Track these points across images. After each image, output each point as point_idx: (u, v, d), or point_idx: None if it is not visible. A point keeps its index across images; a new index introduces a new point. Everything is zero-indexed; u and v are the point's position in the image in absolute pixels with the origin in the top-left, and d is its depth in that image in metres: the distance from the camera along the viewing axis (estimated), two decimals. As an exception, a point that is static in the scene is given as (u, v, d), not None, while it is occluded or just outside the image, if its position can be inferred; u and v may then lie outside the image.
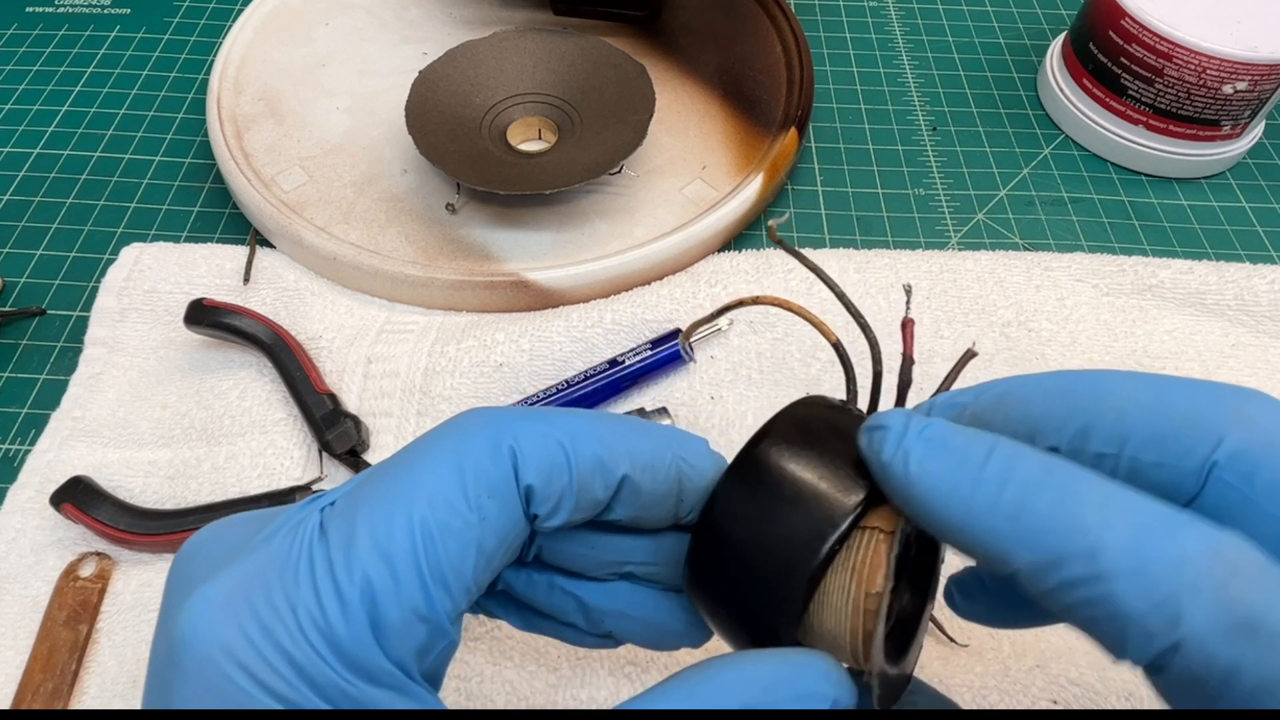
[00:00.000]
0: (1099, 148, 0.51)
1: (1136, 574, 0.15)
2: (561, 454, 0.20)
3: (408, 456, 0.20)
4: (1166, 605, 0.15)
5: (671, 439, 0.22)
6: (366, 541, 0.18)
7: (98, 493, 0.34)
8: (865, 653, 0.20)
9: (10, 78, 0.53)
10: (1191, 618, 0.15)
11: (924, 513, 0.18)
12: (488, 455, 0.19)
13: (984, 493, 0.17)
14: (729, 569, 0.20)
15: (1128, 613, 0.15)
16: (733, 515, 0.21)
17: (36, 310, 0.43)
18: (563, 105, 0.47)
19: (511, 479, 0.19)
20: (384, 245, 0.43)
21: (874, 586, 0.19)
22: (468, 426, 0.20)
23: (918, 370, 0.40)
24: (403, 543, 0.18)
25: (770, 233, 0.25)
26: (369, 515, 0.18)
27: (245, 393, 0.39)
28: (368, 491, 0.19)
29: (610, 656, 0.32)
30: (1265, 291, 0.42)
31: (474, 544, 0.19)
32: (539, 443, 0.20)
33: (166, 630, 0.18)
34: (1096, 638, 0.16)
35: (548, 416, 0.21)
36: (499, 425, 0.20)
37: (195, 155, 0.49)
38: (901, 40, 0.58)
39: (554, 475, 0.20)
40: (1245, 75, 0.44)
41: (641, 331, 0.40)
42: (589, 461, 0.20)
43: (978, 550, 0.17)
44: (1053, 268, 0.43)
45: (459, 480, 0.19)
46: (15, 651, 0.32)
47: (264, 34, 0.52)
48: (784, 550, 0.20)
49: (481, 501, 0.19)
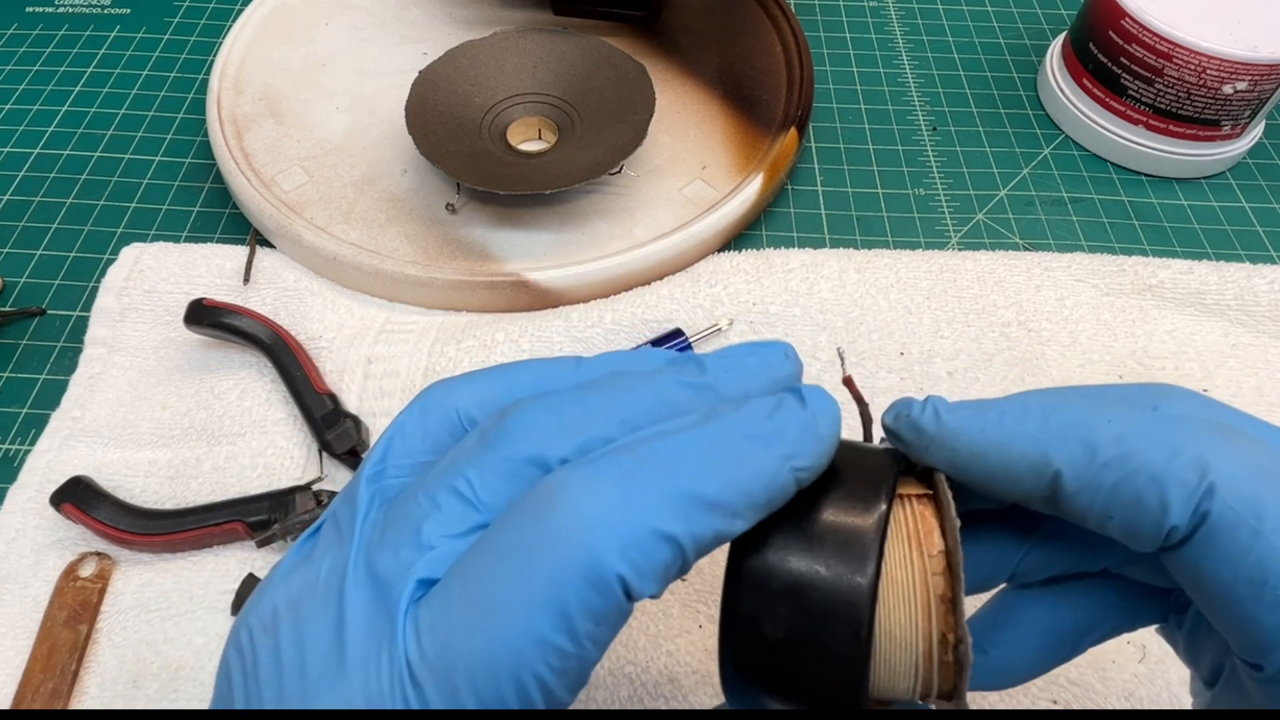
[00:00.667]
0: (1099, 148, 0.51)
1: (1161, 441, 0.18)
2: (678, 553, 0.17)
3: (495, 584, 0.17)
4: (1192, 458, 0.17)
5: (783, 446, 0.18)
6: (473, 705, 0.16)
7: (98, 493, 0.34)
8: (950, 621, 0.19)
9: (10, 78, 0.53)
10: (1216, 462, 0.17)
11: (962, 449, 0.20)
12: (593, 589, 0.16)
13: (1011, 415, 0.19)
14: (787, 619, 0.19)
15: (1162, 473, 0.17)
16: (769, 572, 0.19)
17: (36, 310, 0.43)
18: (563, 105, 0.47)
19: (621, 600, 0.17)
20: (384, 245, 0.43)
21: (933, 548, 0.19)
22: (552, 543, 0.17)
23: (917, 370, 0.40)
24: (516, 705, 0.16)
25: (849, 385, 0.24)
26: (471, 682, 0.16)
27: (245, 393, 0.39)
28: (457, 644, 0.17)
29: (610, 656, 0.32)
30: (1265, 291, 0.42)
31: (589, 668, 0.17)
32: (649, 548, 0.17)
33: None
34: (1133, 521, 0.18)
35: (645, 488, 0.17)
36: (596, 538, 0.16)
37: (195, 155, 0.49)
38: (901, 40, 0.58)
39: (668, 574, 0.17)
40: (1245, 75, 0.44)
41: (641, 331, 0.40)
42: (706, 544, 0.17)
43: (1018, 465, 0.19)
44: (1053, 268, 0.43)
45: (564, 625, 0.16)
46: (15, 651, 0.32)
47: (264, 34, 0.52)
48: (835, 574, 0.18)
49: (591, 632, 0.17)
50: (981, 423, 0.20)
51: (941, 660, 0.19)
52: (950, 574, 0.19)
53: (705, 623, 0.33)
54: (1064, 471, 0.18)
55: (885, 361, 0.41)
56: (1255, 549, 0.17)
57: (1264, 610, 0.17)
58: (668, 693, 0.32)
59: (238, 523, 0.34)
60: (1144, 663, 0.32)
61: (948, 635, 0.19)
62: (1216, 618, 0.18)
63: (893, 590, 0.19)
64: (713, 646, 0.22)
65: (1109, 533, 0.19)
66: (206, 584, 0.34)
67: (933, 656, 0.19)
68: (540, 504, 0.17)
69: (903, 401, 0.21)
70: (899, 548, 0.20)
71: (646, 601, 0.33)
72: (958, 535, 0.19)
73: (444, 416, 0.20)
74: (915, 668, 0.19)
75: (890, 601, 0.19)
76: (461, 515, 0.18)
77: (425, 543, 0.18)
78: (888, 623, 0.19)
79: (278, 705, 0.17)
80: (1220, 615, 0.18)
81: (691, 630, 0.33)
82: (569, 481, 0.17)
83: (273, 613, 0.19)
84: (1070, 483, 0.18)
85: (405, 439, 0.20)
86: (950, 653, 0.19)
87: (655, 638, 0.33)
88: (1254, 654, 0.18)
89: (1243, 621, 0.17)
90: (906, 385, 0.40)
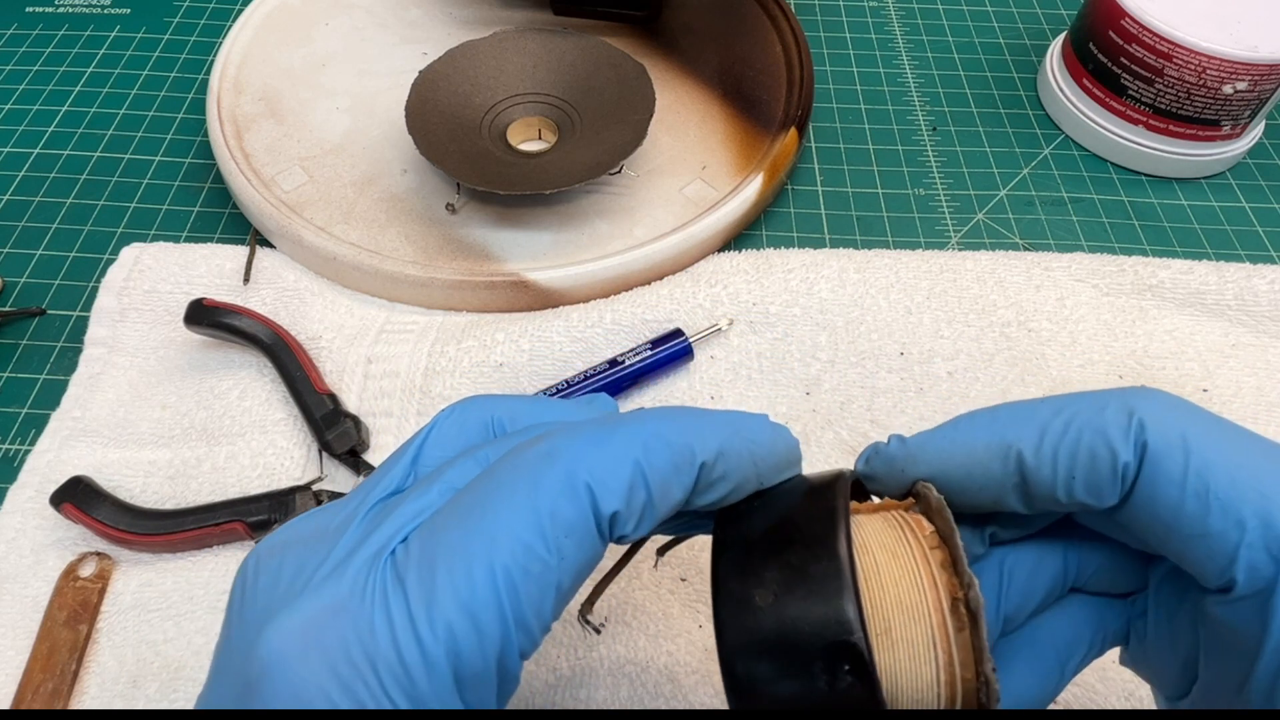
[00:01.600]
0: (1099, 148, 0.51)
1: (1091, 401, 0.21)
2: (639, 475, 0.20)
3: (479, 497, 0.19)
4: (1119, 405, 0.20)
5: (735, 425, 0.22)
6: (448, 594, 0.18)
7: (98, 493, 0.34)
8: (954, 583, 0.20)
9: (10, 78, 0.53)
10: (1139, 405, 0.20)
11: (932, 457, 0.22)
12: (564, 495, 0.19)
13: (964, 421, 0.22)
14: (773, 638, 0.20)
15: (1100, 422, 0.20)
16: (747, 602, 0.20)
17: (36, 310, 0.43)
18: (563, 105, 0.47)
19: (589, 515, 0.19)
20: (384, 245, 0.43)
21: (925, 529, 0.21)
22: (536, 463, 0.19)
23: (917, 370, 0.40)
24: (485, 595, 0.18)
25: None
26: (448, 565, 0.18)
27: (245, 393, 0.39)
28: (443, 538, 0.19)
29: (610, 656, 0.32)
30: (1265, 291, 0.42)
31: (553, 585, 0.19)
32: (614, 468, 0.19)
33: (242, 662, 0.18)
34: (1093, 472, 0.20)
35: (616, 431, 0.20)
36: (572, 458, 0.19)
37: (195, 155, 0.50)
38: (901, 40, 0.58)
39: (632, 498, 0.20)
40: (1245, 75, 0.44)
41: (641, 331, 0.40)
42: (664, 472, 0.20)
43: (982, 454, 0.21)
44: (1053, 268, 0.43)
45: (536, 523, 0.19)
46: (15, 651, 0.32)
47: (264, 34, 0.52)
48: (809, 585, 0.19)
49: (560, 542, 0.19)
50: (941, 433, 0.22)
51: (956, 624, 0.19)
52: (945, 542, 0.21)
53: (705, 623, 0.33)
54: (1023, 450, 0.21)
55: (885, 361, 0.41)
56: (1191, 465, 0.19)
57: (1214, 517, 0.19)
58: (668, 693, 0.32)
59: (238, 523, 0.34)
60: (1144, 663, 0.32)
61: (956, 596, 0.20)
62: (1179, 548, 0.20)
63: (894, 564, 0.20)
64: (712, 647, 0.22)
65: (1077, 497, 0.21)
66: (206, 584, 0.34)
67: (947, 625, 0.20)
68: (528, 443, 0.20)
69: (868, 447, 0.24)
70: (891, 531, 0.21)
71: (647, 601, 0.33)
72: (947, 512, 0.21)
73: (481, 417, 0.23)
74: (932, 641, 0.20)
75: (893, 575, 0.20)
76: (473, 473, 0.21)
77: (434, 501, 0.20)
78: (894, 590, 0.20)
79: (266, 609, 0.19)
80: (1180, 542, 0.20)
81: (691, 630, 0.33)
82: (556, 431, 0.20)
83: (282, 543, 0.21)
84: (1031, 458, 0.21)
85: (442, 433, 0.23)
86: (963, 608, 0.20)
87: (655, 638, 0.33)
88: (1220, 573, 0.19)
89: (1201, 539, 0.19)
90: (906, 385, 0.40)
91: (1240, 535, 0.19)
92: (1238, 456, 0.19)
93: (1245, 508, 0.19)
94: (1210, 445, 0.20)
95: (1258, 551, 0.19)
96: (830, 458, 0.38)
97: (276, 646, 0.18)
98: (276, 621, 0.18)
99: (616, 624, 0.33)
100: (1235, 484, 0.19)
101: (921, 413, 0.39)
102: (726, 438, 0.21)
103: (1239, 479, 0.19)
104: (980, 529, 0.23)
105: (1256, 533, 0.19)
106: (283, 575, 0.19)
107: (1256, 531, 0.19)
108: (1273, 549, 0.19)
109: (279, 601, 0.19)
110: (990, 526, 0.23)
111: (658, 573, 0.34)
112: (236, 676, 0.18)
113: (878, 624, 0.20)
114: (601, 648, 0.33)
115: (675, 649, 0.33)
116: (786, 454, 0.23)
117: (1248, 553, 0.19)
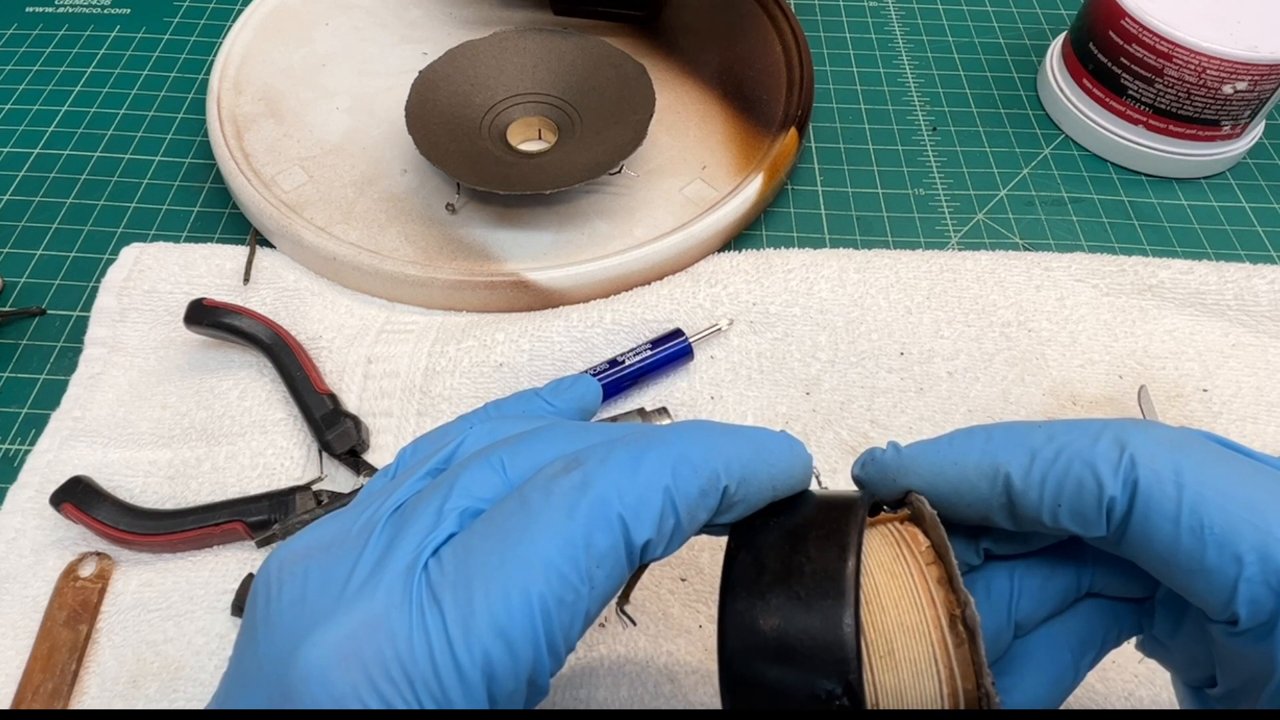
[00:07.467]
0: (1099, 148, 0.51)
1: (1084, 431, 0.21)
2: (669, 503, 0.20)
3: (515, 523, 0.20)
4: (1111, 438, 0.20)
5: (757, 446, 0.22)
6: (485, 619, 0.18)
7: (98, 493, 0.34)
8: (951, 600, 0.20)
9: (10, 78, 0.53)
10: (1131, 438, 0.20)
11: (924, 469, 0.22)
12: (599, 526, 0.19)
13: (960, 438, 0.23)
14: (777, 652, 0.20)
15: (1090, 454, 0.20)
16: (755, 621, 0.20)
17: (36, 310, 0.43)
18: (563, 105, 0.47)
19: (621, 545, 0.20)
20: (384, 245, 0.43)
21: (921, 544, 0.21)
22: (571, 492, 0.20)
23: (917, 370, 0.40)
24: (521, 622, 0.18)
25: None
26: (485, 590, 0.19)
27: (245, 393, 0.39)
28: (479, 561, 0.19)
29: (610, 656, 0.32)
30: (1265, 291, 0.42)
31: (583, 613, 0.19)
32: (646, 497, 0.20)
33: (278, 673, 0.19)
34: (1078, 503, 0.20)
35: (645, 456, 0.20)
36: (604, 486, 0.20)
37: (195, 155, 0.50)
38: (901, 40, 0.58)
39: (663, 525, 0.20)
40: (1245, 75, 0.44)
41: (641, 331, 0.40)
42: (692, 498, 0.20)
43: (972, 474, 0.22)
44: (1053, 268, 0.43)
45: (571, 554, 0.19)
46: (15, 651, 0.32)
47: (264, 34, 0.52)
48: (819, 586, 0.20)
49: (592, 572, 0.19)
50: (936, 447, 0.23)
51: (955, 640, 0.20)
52: (940, 559, 0.21)
53: (705, 623, 0.33)
54: (1012, 473, 0.21)
55: (885, 361, 0.41)
56: (1185, 501, 0.19)
57: (1211, 553, 0.19)
58: (668, 693, 0.32)
59: (238, 523, 0.34)
60: (1144, 663, 0.32)
61: (954, 613, 0.20)
62: (1180, 583, 0.20)
63: (894, 584, 0.21)
64: (712, 646, 0.23)
65: (1063, 524, 0.21)
66: (206, 584, 0.34)
67: (946, 643, 0.20)
68: (561, 468, 0.20)
69: (865, 452, 0.24)
70: (888, 550, 0.21)
71: (647, 602, 0.33)
72: (940, 529, 0.21)
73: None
74: (933, 658, 0.20)
75: (893, 596, 0.20)
76: (491, 483, 0.21)
77: (455, 504, 0.20)
78: (895, 611, 0.20)
79: (298, 621, 0.19)
80: (1181, 577, 0.20)
81: (691, 630, 0.33)
82: (588, 456, 0.21)
83: (304, 550, 0.21)
84: (1019, 481, 0.21)
85: (474, 435, 0.24)
86: (960, 624, 0.20)
87: (655, 638, 0.33)
88: (1222, 606, 0.19)
89: (1199, 574, 0.19)
90: (906, 385, 0.40)
91: (1238, 570, 0.19)
92: (1234, 490, 0.19)
93: (1242, 543, 0.19)
94: (1205, 480, 0.19)
95: (1257, 586, 0.19)
96: (830, 458, 0.38)
97: (317, 660, 0.18)
98: (316, 635, 0.19)
99: (616, 624, 0.33)
100: (1230, 519, 0.19)
101: (921, 413, 0.39)
102: (748, 461, 0.21)
103: (1234, 514, 0.19)
104: (974, 541, 0.24)
105: (1254, 567, 0.19)
106: (309, 585, 0.20)
107: (1254, 566, 0.19)
108: (1272, 583, 0.19)
109: (312, 614, 0.19)
110: (984, 540, 0.24)
111: (657, 573, 0.34)
112: (272, 687, 0.19)
113: (881, 646, 0.20)
114: (601, 647, 0.33)
115: (675, 649, 0.33)
116: (803, 475, 0.23)
117: (1247, 587, 0.19)
